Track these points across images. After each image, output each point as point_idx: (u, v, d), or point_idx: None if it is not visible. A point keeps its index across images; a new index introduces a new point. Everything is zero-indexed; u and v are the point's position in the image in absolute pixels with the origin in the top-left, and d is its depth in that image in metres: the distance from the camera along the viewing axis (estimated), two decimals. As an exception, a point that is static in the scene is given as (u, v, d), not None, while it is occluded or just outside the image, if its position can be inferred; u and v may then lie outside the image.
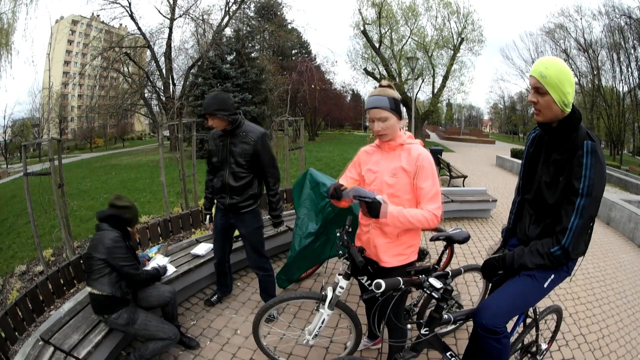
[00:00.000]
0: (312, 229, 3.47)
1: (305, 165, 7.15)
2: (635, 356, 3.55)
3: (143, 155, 25.65)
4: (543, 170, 1.98)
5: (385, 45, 31.58)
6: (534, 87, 1.81)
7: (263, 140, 3.08)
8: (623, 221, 8.01)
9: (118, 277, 2.62)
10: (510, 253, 1.96)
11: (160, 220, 4.68)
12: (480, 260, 5.14)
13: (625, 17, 35.72)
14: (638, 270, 5.90)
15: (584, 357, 3.35)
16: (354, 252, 2.17)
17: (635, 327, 4.09)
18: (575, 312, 4.08)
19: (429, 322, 1.89)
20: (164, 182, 5.83)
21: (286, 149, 7.31)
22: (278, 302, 2.56)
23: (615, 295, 4.71)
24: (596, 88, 39.87)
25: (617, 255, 6.42)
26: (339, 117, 46.18)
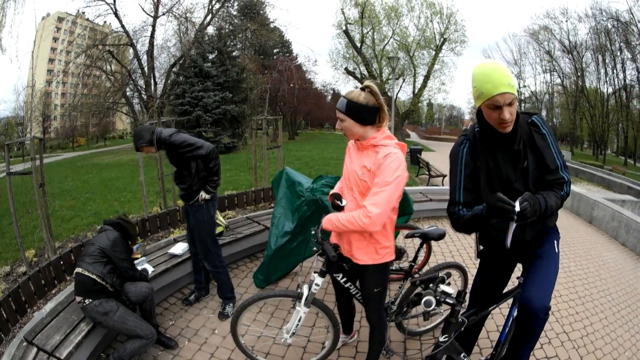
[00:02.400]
0: (289, 228, 3.49)
1: (284, 164, 7.17)
2: (623, 353, 3.56)
3: (124, 154, 25.53)
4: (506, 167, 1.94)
5: (367, 45, 31.44)
6: (507, 103, 1.74)
7: (170, 138, 3.19)
8: (606, 220, 8.08)
9: (112, 269, 2.73)
10: (540, 198, 1.81)
11: (138, 220, 4.60)
12: (458, 258, 5.15)
13: (612, 19, 36.30)
14: (622, 268, 5.94)
15: (567, 354, 3.35)
16: (328, 248, 2.18)
17: (621, 324, 4.09)
18: (557, 310, 4.07)
19: (446, 328, 1.90)
20: (142, 181, 5.83)
21: (264, 148, 7.32)
22: (255, 300, 2.52)
23: (598, 293, 4.72)
24: (580, 89, 40.44)
25: (600, 253, 6.45)
26: (319, 116, 46.35)
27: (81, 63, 26.06)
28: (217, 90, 21.56)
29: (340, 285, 2.47)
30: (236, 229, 4.58)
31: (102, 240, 2.77)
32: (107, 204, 9.22)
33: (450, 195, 2.07)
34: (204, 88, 21.38)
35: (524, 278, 2.11)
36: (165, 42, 27.92)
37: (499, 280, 2.31)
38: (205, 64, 21.83)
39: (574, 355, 3.36)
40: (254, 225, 4.74)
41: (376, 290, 2.34)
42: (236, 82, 22.96)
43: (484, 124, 1.93)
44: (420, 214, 6.77)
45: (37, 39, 42.04)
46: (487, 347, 3.25)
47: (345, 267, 2.34)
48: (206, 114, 21.05)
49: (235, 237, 4.32)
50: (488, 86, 1.73)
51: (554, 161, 1.91)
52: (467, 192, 2.01)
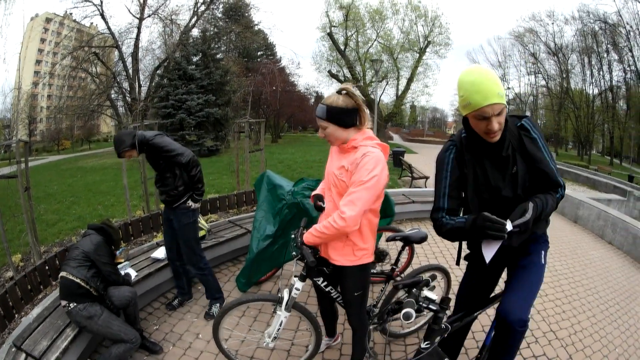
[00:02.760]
0: (270, 232, 3.48)
1: (266, 167, 7.18)
2: (613, 350, 3.57)
3: (108, 157, 25.31)
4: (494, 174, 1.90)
5: (351, 48, 31.57)
6: (496, 114, 1.69)
7: (152, 140, 3.18)
8: (592, 219, 8.14)
9: (95, 273, 2.73)
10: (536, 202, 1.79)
11: (121, 224, 4.55)
12: (441, 259, 5.13)
13: (600, 22, 36.83)
14: (609, 266, 5.97)
15: (555, 353, 3.35)
16: (306, 253, 2.14)
17: (610, 321, 4.10)
18: (543, 309, 4.08)
19: (429, 334, 1.84)
20: (126, 185, 5.80)
21: (246, 151, 7.30)
22: (236, 304, 2.49)
23: (585, 292, 4.74)
24: (565, 91, 40.94)
25: (586, 252, 6.49)
26: (303, 119, 46.46)
27: (67, 65, 25.98)
28: (201, 93, 21.65)
29: (321, 289, 2.44)
30: (218, 232, 4.55)
31: (86, 244, 2.77)
32: (91, 207, 9.19)
33: (435, 201, 2.02)
34: (187, 91, 21.43)
35: (504, 288, 2.07)
36: (150, 44, 28.11)
37: (486, 284, 2.27)
38: (190, 67, 21.93)
39: (562, 354, 3.36)
40: (236, 228, 4.72)
41: (356, 293, 2.32)
42: (219, 84, 23.09)
43: (470, 131, 1.88)
44: (403, 215, 6.77)
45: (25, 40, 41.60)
46: (473, 348, 3.24)
47: (326, 271, 2.33)
48: (189, 116, 21.07)
49: (218, 241, 4.30)
50: (476, 97, 1.65)
51: (547, 166, 1.86)
52: (451, 199, 1.97)
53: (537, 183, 1.87)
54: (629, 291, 5.07)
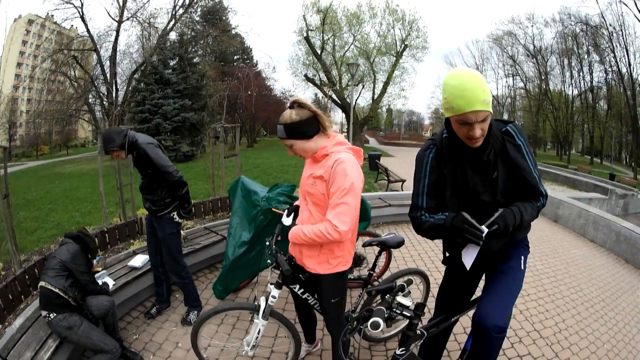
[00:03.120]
0: (246, 238, 3.45)
1: (242, 172, 7.17)
2: (601, 346, 3.59)
3: (86, 163, 25.10)
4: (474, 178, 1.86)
5: (327, 52, 31.56)
6: (480, 120, 1.64)
7: (145, 148, 3.12)
8: (572, 218, 8.24)
9: (73, 283, 2.71)
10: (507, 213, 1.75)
11: (98, 232, 4.47)
12: (420, 263, 5.10)
13: (581, 24, 37.59)
14: (592, 264, 6.03)
15: (541, 352, 3.36)
16: (281, 261, 2.14)
17: (595, 318, 4.13)
18: (526, 309, 4.08)
19: (403, 341, 1.80)
20: (102, 191, 5.73)
21: (221, 157, 7.25)
22: (213, 313, 2.43)
23: (569, 290, 4.77)
24: (543, 92, 41.70)
25: (567, 251, 6.54)
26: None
27: (47, 68, 25.85)
28: (177, 97, 21.58)
29: (298, 296, 2.41)
30: (194, 239, 4.46)
31: (63, 254, 2.75)
32: (69, 215, 9.07)
33: (413, 199, 1.98)
34: (163, 95, 21.32)
35: (482, 293, 2.04)
36: (128, 47, 27.87)
37: (465, 288, 2.23)
38: (166, 71, 21.86)
39: (548, 352, 3.36)
40: (212, 235, 4.63)
41: (333, 300, 2.28)
42: (196, 89, 23.06)
43: (452, 132, 1.83)
44: (380, 219, 6.74)
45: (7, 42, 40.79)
46: (455, 350, 3.21)
47: (302, 278, 2.30)
48: (165, 121, 20.93)
49: (194, 248, 4.21)
50: (460, 102, 1.59)
51: (530, 174, 1.82)
52: (430, 198, 1.93)
53: (518, 190, 1.84)
54: (614, 288, 5.12)
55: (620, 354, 3.55)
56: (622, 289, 5.15)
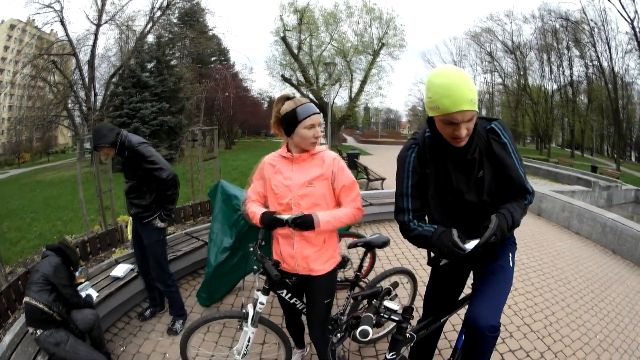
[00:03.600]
0: (227, 244, 3.38)
1: (221, 175, 7.04)
2: (593, 337, 3.61)
3: (65, 170, 24.85)
4: (458, 177, 1.82)
5: (304, 52, 31.72)
6: (466, 120, 1.59)
7: (138, 147, 3.06)
8: (556, 211, 8.33)
9: (57, 297, 2.66)
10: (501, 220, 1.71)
11: (79, 242, 4.36)
12: (404, 261, 5.04)
13: (562, 19, 38.28)
14: (579, 256, 6.10)
15: (532, 345, 3.37)
16: (269, 267, 2.08)
17: (586, 310, 4.16)
18: (514, 304, 4.09)
19: (393, 345, 1.76)
20: (82, 199, 5.63)
21: (200, 160, 7.20)
22: (202, 322, 2.37)
23: (556, 283, 4.79)
24: (522, 87, 42.34)
25: (552, 244, 6.60)
26: (256, 124, 46.88)
27: (27, 74, 25.52)
28: (155, 100, 21.44)
29: (285, 301, 2.36)
30: (175, 246, 4.35)
31: (45, 267, 2.70)
32: (51, 224, 8.99)
33: (397, 201, 1.94)
34: (141, 99, 21.16)
35: (472, 293, 2.01)
36: (107, 51, 27.44)
37: (453, 287, 2.20)
38: (144, 74, 21.71)
39: (540, 345, 3.37)
40: (194, 241, 4.54)
41: (326, 301, 2.28)
42: (173, 91, 22.97)
43: (435, 131, 1.78)
44: (361, 218, 6.65)
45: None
46: (447, 348, 3.20)
47: (289, 283, 2.26)
48: (144, 125, 20.75)
49: (176, 255, 4.10)
50: (446, 102, 1.54)
51: (516, 172, 1.79)
52: (414, 198, 1.89)
53: (504, 189, 1.81)
54: (602, 279, 5.17)
55: (614, 344, 3.58)
56: (611, 280, 5.21)
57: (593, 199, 13.90)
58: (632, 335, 3.83)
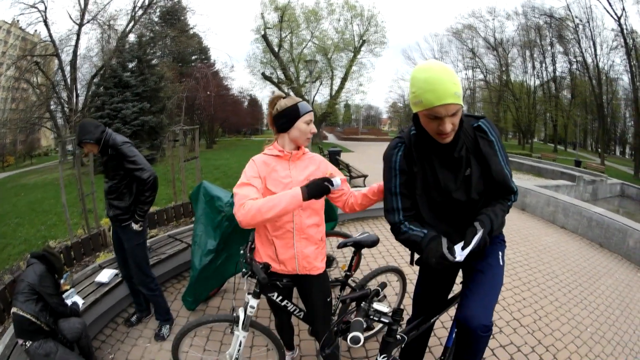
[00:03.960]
0: (212, 246, 3.32)
1: (202, 175, 6.99)
2: (584, 330, 3.65)
3: (49, 172, 24.47)
4: (445, 175, 1.81)
5: (285, 49, 31.61)
6: (450, 114, 1.57)
7: (121, 146, 3.03)
8: (540, 206, 8.41)
9: (43, 307, 2.64)
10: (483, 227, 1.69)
11: (62, 248, 4.29)
12: (389, 259, 4.99)
13: (545, 16, 38.71)
14: (566, 250, 6.17)
15: (523, 340, 3.39)
16: (257, 270, 2.06)
17: (575, 303, 4.20)
18: (502, 299, 4.10)
19: (384, 348, 1.74)
20: (65, 203, 5.54)
21: (181, 160, 7.14)
22: (194, 326, 2.32)
23: (544, 277, 4.83)
24: (504, 83, 42.82)
25: (538, 238, 6.66)
26: (237, 123, 46.40)
27: (11, 75, 25.03)
28: (136, 100, 21.24)
29: (276, 304, 2.32)
30: (159, 249, 4.28)
31: (30, 276, 2.67)
32: (35, 229, 8.89)
33: (386, 201, 1.93)
34: (122, 99, 20.98)
35: (462, 293, 2.00)
36: (88, 51, 27.02)
37: (442, 286, 2.18)
38: (125, 74, 21.53)
39: (530, 340, 3.40)
40: (177, 243, 4.47)
41: (328, 299, 2.28)
42: (154, 91, 22.81)
43: (420, 128, 1.76)
44: (345, 216, 6.62)
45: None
46: (437, 345, 3.21)
47: (279, 285, 2.22)
48: (125, 126, 20.54)
49: (160, 258, 4.04)
50: (429, 96, 1.52)
51: (502, 171, 1.77)
52: (404, 197, 1.87)
53: (490, 187, 1.80)
54: (590, 272, 5.23)
55: (606, 336, 3.62)
56: (599, 273, 5.27)
57: (578, 193, 14.09)
58: (624, 328, 3.88)
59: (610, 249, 6.45)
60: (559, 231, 7.38)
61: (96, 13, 24.02)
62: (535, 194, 8.62)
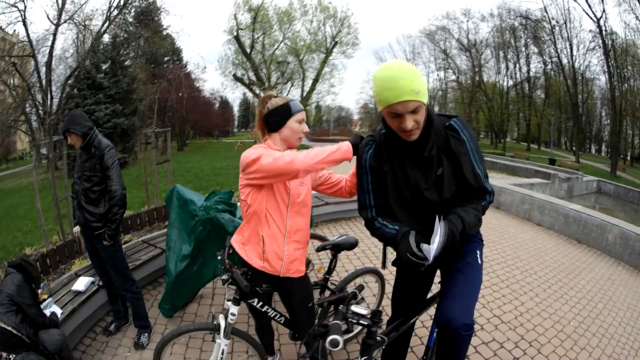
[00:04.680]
0: (187, 251, 3.27)
1: (174, 177, 6.91)
2: (567, 324, 3.71)
3: (24, 176, 23.82)
4: (415, 174, 1.81)
5: (257, 51, 31.73)
6: (409, 112, 1.58)
7: (107, 150, 3.02)
8: (515, 204, 8.53)
9: (23, 318, 2.58)
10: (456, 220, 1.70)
11: (38, 256, 4.17)
12: (365, 260, 4.99)
13: (521, 18, 39.62)
14: (542, 246, 6.26)
15: (505, 336, 3.42)
16: (238, 277, 2.02)
17: (556, 298, 4.26)
18: (482, 297, 4.13)
19: (365, 350, 1.73)
20: (39, 208, 5.40)
21: (153, 163, 7.04)
22: (175, 335, 2.28)
23: (522, 274, 4.89)
24: (477, 84, 43.68)
25: (514, 236, 6.75)
26: (208, 125, 46.26)
27: None
28: (109, 102, 21.05)
29: (257, 310, 2.28)
30: (133, 255, 4.18)
31: (8, 286, 2.62)
32: (12, 235, 8.68)
33: (359, 198, 1.96)
34: (95, 101, 20.74)
35: (441, 293, 2.00)
36: (64, 52, 26.51)
37: (420, 287, 2.18)
38: (99, 75, 21.36)
39: (513, 336, 3.43)
40: (152, 248, 4.38)
41: (310, 304, 2.26)
42: (127, 93, 22.64)
43: (389, 127, 1.77)
44: (318, 218, 6.57)
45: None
46: (418, 345, 3.22)
47: (259, 291, 2.19)
48: (97, 128, 19.92)
49: (135, 265, 3.93)
50: (386, 94, 1.55)
51: (474, 171, 1.76)
52: (376, 194, 1.91)
53: (463, 187, 1.80)
54: (569, 268, 5.32)
55: (590, 329, 3.69)
56: (579, 268, 5.37)
57: (553, 191, 14.32)
58: (608, 320, 3.95)
59: (589, 245, 6.57)
60: (535, 228, 7.49)
61: (73, 12, 23.58)
62: (510, 192, 8.73)
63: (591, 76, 38.54)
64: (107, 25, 25.37)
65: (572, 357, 3.28)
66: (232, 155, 18.34)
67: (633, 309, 4.41)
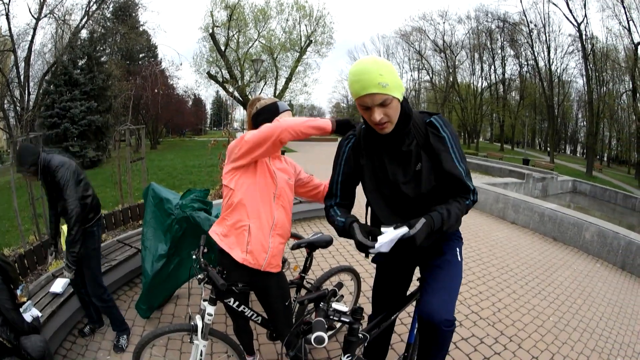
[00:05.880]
0: (163, 251, 3.22)
1: (148, 176, 6.87)
2: (547, 319, 3.77)
3: (1, 175, 22.90)
4: (393, 168, 1.84)
5: (231, 49, 31.38)
6: (377, 105, 1.61)
7: (57, 172, 2.82)
8: (489, 202, 8.67)
9: (3, 322, 2.50)
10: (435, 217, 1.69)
11: (16, 257, 4.05)
12: (340, 258, 5.00)
13: (499, 21, 40.41)
14: (518, 244, 6.38)
15: (485, 332, 3.46)
16: (214, 276, 2.00)
17: (534, 294, 4.34)
18: (459, 293, 4.15)
19: (347, 347, 1.73)
20: (16, 208, 5.31)
21: (127, 161, 6.94)
22: (153, 337, 2.25)
23: (498, 271, 4.97)
24: (450, 85, 44.40)
25: (488, 234, 6.86)
26: (181, 123, 46.27)
27: None
28: (84, 99, 20.86)
29: (233, 310, 2.27)
30: (108, 255, 4.08)
31: None
32: None
33: (329, 185, 2.06)
34: (71, 97, 20.54)
35: (421, 289, 2.04)
36: (43, 47, 25.92)
37: (400, 283, 2.21)
38: (75, 71, 21.16)
39: (492, 331, 3.48)
40: (127, 248, 4.28)
41: (287, 303, 2.28)
42: (102, 89, 22.50)
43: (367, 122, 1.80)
44: (292, 216, 6.54)
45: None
46: (397, 342, 3.24)
47: (235, 290, 2.19)
48: (73, 125, 20.11)
49: (111, 265, 3.85)
50: (355, 87, 1.59)
51: (454, 168, 1.76)
52: (343, 186, 2.01)
53: (444, 185, 1.82)
54: (545, 265, 5.43)
55: (571, 324, 3.77)
56: (556, 265, 5.48)
57: (527, 190, 14.58)
58: (588, 315, 4.04)
59: (565, 243, 6.72)
60: (509, 227, 7.62)
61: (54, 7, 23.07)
62: (484, 190, 8.84)
63: (568, 79, 39.70)
64: (85, 20, 24.97)
65: (553, 351, 3.35)
66: (205, 154, 18.31)
67: (614, 304, 4.52)
